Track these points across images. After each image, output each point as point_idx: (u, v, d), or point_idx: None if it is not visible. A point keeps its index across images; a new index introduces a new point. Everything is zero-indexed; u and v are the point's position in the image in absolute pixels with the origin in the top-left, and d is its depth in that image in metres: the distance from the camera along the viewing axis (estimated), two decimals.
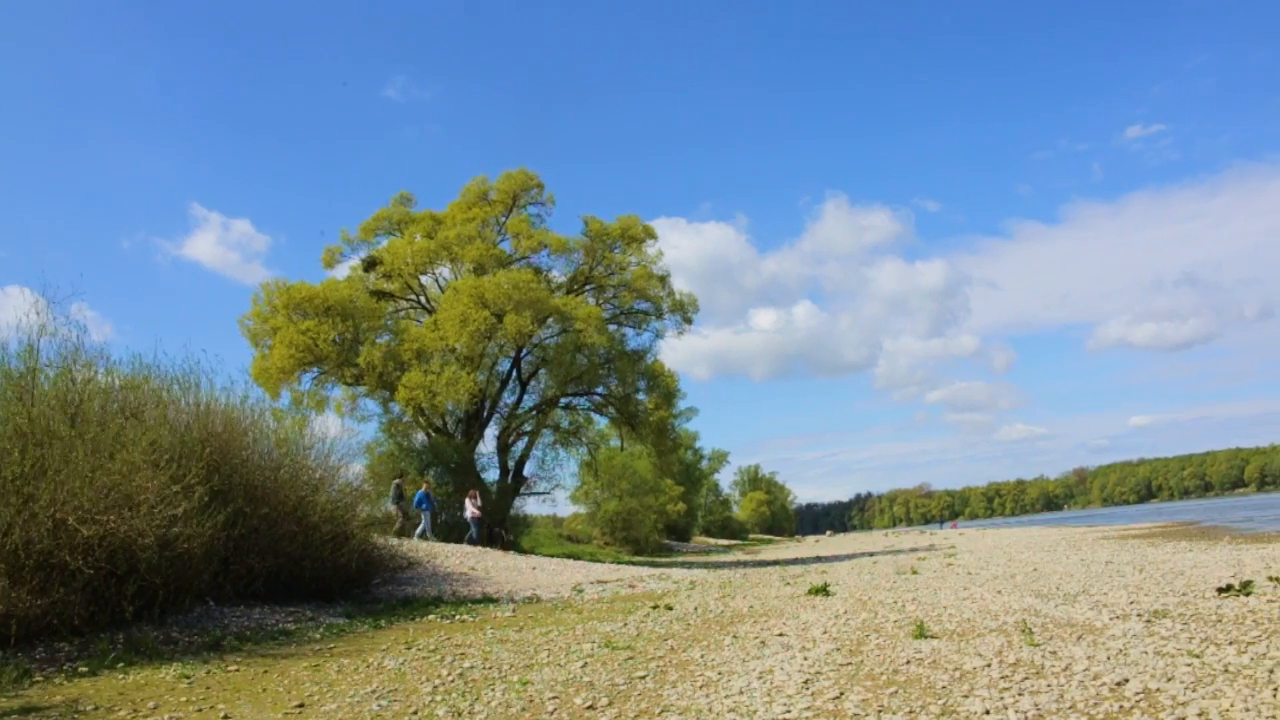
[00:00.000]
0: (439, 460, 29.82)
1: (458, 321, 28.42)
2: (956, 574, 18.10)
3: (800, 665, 7.89)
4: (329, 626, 11.48)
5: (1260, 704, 5.46)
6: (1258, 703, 5.49)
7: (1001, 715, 5.73)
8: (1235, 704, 5.49)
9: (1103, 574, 15.47)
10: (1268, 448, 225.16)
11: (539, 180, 34.65)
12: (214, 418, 12.96)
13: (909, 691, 6.59)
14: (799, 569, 24.52)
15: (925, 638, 9.00)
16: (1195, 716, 5.34)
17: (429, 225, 33.91)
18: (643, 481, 52.30)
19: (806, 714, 6.16)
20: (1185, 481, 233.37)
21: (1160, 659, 6.99)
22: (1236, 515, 53.73)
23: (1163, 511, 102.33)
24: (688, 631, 10.78)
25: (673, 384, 35.98)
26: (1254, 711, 5.31)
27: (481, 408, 32.42)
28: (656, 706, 6.62)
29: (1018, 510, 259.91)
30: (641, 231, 33.98)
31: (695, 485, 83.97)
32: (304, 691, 7.43)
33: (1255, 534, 29.21)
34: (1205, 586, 11.81)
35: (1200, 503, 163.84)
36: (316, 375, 30.97)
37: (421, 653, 9.36)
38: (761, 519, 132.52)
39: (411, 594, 15.16)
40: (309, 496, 13.63)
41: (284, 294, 29.00)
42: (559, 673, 8.04)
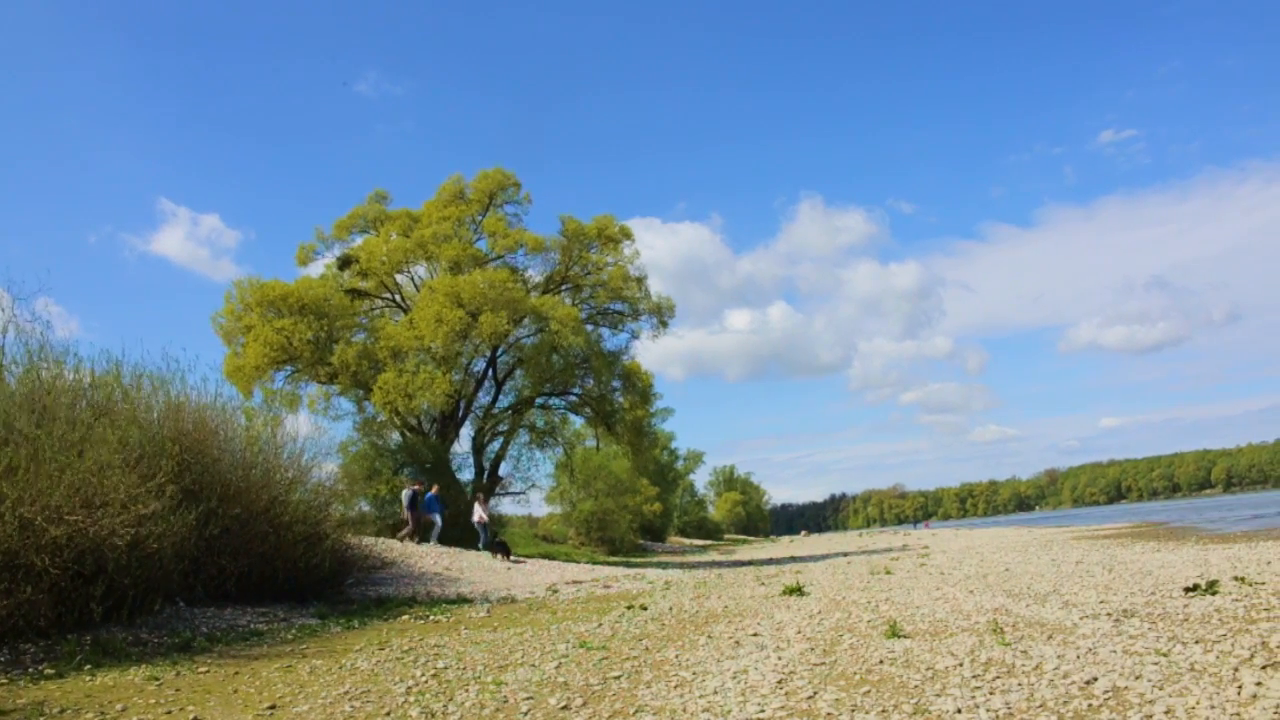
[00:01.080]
0: (414, 460, 29.65)
1: (433, 321, 28.27)
2: (929, 574, 18.24)
3: (774, 665, 7.92)
4: (301, 627, 11.39)
5: (1225, 701, 5.55)
6: (1222, 700, 5.58)
7: (973, 714, 5.78)
8: (1201, 701, 5.57)
9: (1073, 574, 15.65)
10: (1234, 449, 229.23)
11: (515, 179, 34.58)
12: (185, 416, 12.82)
13: (882, 691, 6.64)
14: (774, 569, 24.61)
15: (898, 637, 9.06)
16: (1162, 714, 5.41)
17: (405, 223, 33.71)
18: (618, 482, 52.29)
19: (780, 713, 6.18)
20: (1154, 482, 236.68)
21: (1128, 658, 7.08)
22: (1203, 516, 54.49)
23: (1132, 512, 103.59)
24: (663, 631, 10.79)
25: (649, 384, 35.98)
26: (1219, 709, 5.40)
27: (457, 407, 32.27)
28: (631, 706, 6.62)
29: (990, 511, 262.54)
30: (618, 232, 33.99)
31: (671, 486, 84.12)
32: (276, 693, 7.37)
33: (1221, 534, 29.65)
34: (1173, 586, 11.98)
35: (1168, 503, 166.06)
36: (290, 374, 30.71)
37: (395, 653, 9.31)
38: (737, 519, 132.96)
39: (385, 594, 15.07)
40: (282, 496, 13.52)
41: (257, 292, 28.74)
42: (533, 673, 8.02)
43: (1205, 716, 5.28)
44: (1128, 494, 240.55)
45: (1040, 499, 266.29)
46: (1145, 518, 64.01)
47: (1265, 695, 5.59)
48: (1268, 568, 13.63)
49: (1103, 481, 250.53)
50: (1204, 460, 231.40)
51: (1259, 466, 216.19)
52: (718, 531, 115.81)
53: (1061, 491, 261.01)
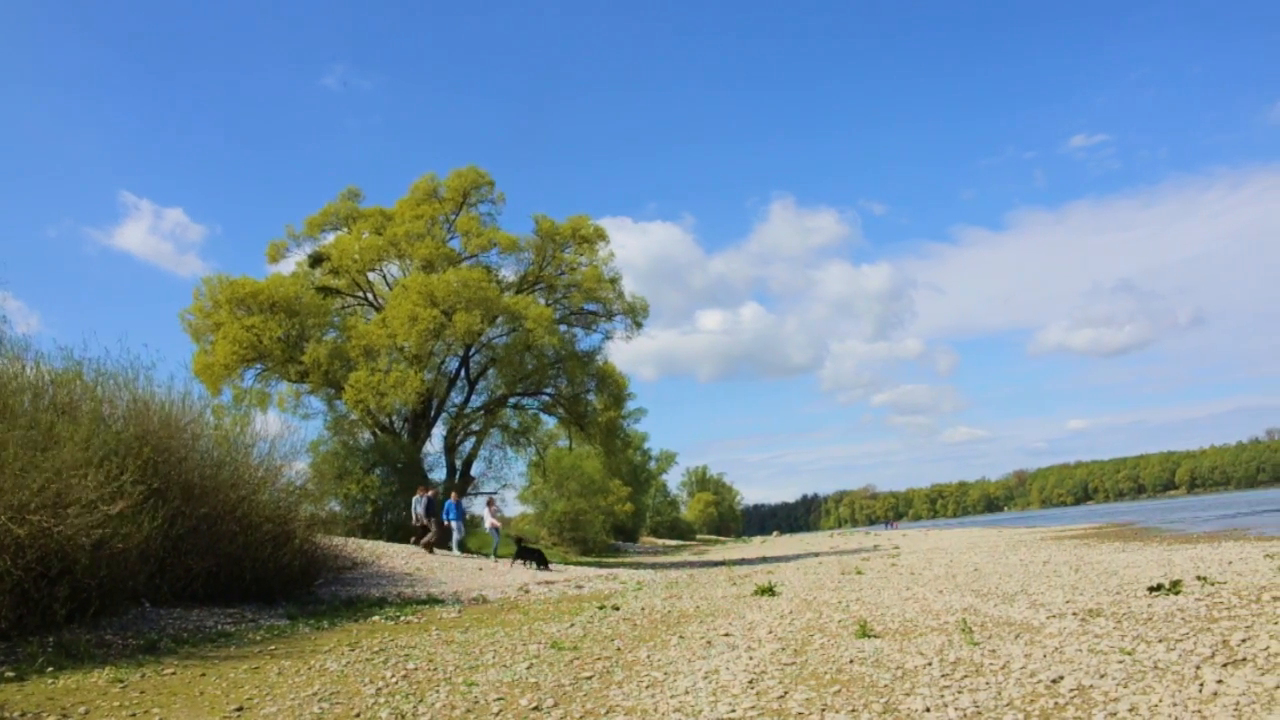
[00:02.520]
0: (385, 460, 29.42)
1: (406, 319, 28.11)
2: (900, 574, 18.38)
3: (745, 665, 7.95)
4: (270, 628, 11.27)
5: (1187, 699, 5.64)
6: (1185, 698, 5.67)
7: (941, 713, 5.84)
8: (1164, 699, 5.66)
9: (1040, 574, 15.84)
10: (1197, 451, 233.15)
11: (489, 178, 34.42)
12: (152, 414, 12.65)
13: (852, 690, 6.68)
14: (745, 569, 24.70)
15: (868, 637, 9.13)
16: (1126, 712, 5.49)
17: (378, 221, 33.47)
18: (591, 482, 52.27)
19: (751, 713, 6.21)
20: (1120, 484, 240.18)
21: (1094, 656, 7.18)
22: (1168, 517, 55.36)
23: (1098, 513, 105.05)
24: (634, 632, 10.80)
25: (623, 385, 36.00)
26: (1181, 706, 5.49)
27: (429, 407, 32.08)
28: (602, 707, 6.62)
29: (960, 511, 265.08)
30: (593, 232, 33.95)
31: (643, 486, 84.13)
32: (243, 694, 7.29)
33: (1185, 535, 30.15)
34: (1138, 586, 12.16)
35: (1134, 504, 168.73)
36: (260, 372, 30.41)
37: (365, 654, 9.24)
38: (709, 520, 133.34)
39: (356, 595, 14.95)
40: (250, 495, 13.38)
41: (227, 289, 28.42)
42: (504, 674, 8.00)
43: (1168, 714, 5.36)
44: (1094, 495, 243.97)
45: (1009, 500, 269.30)
46: (1111, 518, 64.92)
47: (1226, 693, 5.69)
48: (1229, 568, 13.88)
49: (1070, 483, 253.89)
50: (1169, 462, 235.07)
51: (1221, 468, 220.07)
52: (690, 532, 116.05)
53: (1030, 492, 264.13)
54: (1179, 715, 5.32)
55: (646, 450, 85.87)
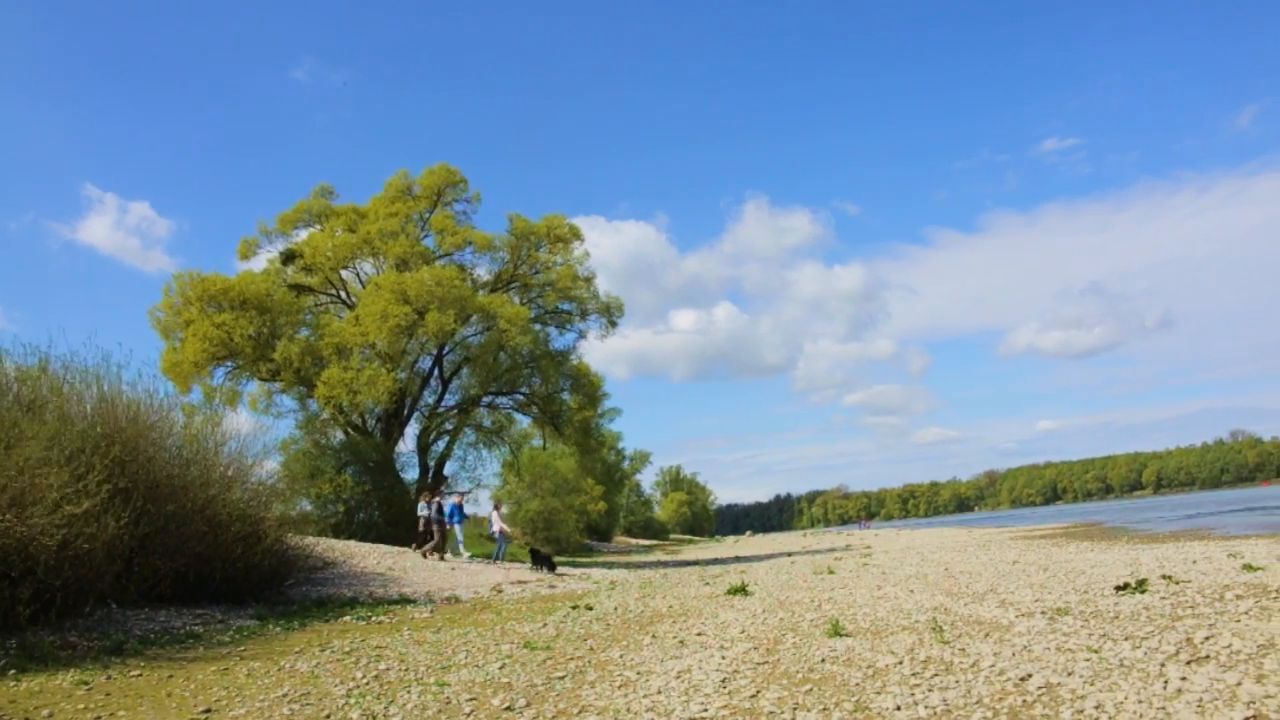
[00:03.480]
0: (357, 459, 29.21)
1: (379, 318, 27.91)
2: (871, 574, 18.51)
3: (718, 664, 7.98)
4: (239, 629, 11.16)
5: (1152, 696, 5.73)
6: (1149, 694, 5.76)
7: (912, 711, 5.89)
8: (1129, 696, 5.75)
9: (1010, 573, 16.00)
10: (1163, 452, 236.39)
11: (463, 176, 34.28)
12: (120, 412, 12.47)
13: (823, 689, 6.72)
14: (718, 569, 24.77)
15: (840, 636, 9.19)
16: (1093, 709, 5.57)
17: (351, 219, 33.22)
18: (565, 481, 52.16)
19: (723, 713, 6.23)
20: (1088, 484, 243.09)
21: (1061, 654, 7.27)
22: (1135, 517, 56.11)
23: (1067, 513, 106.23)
24: (607, 631, 10.80)
25: (597, 385, 35.96)
26: (1146, 703, 5.57)
27: (402, 406, 31.90)
28: (575, 707, 6.62)
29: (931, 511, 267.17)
30: (568, 231, 33.89)
31: (617, 485, 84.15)
32: (211, 696, 7.21)
33: (1151, 534, 30.58)
34: (1104, 585, 12.32)
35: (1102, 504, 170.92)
36: (230, 370, 30.11)
37: (336, 655, 9.17)
38: (682, 519, 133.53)
39: (327, 595, 14.83)
40: (220, 494, 13.23)
41: (197, 286, 28.09)
42: (476, 674, 7.97)
43: (1133, 711, 5.44)
44: (1063, 495, 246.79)
45: (980, 500, 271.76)
46: (1080, 518, 65.72)
47: (1189, 690, 5.78)
48: (1194, 567, 14.10)
49: (1039, 483, 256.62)
50: (1135, 463, 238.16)
51: (1187, 469, 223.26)
52: (664, 531, 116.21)
53: (1000, 492, 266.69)
54: (1144, 712, 5.40)
55: (621, 450, 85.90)
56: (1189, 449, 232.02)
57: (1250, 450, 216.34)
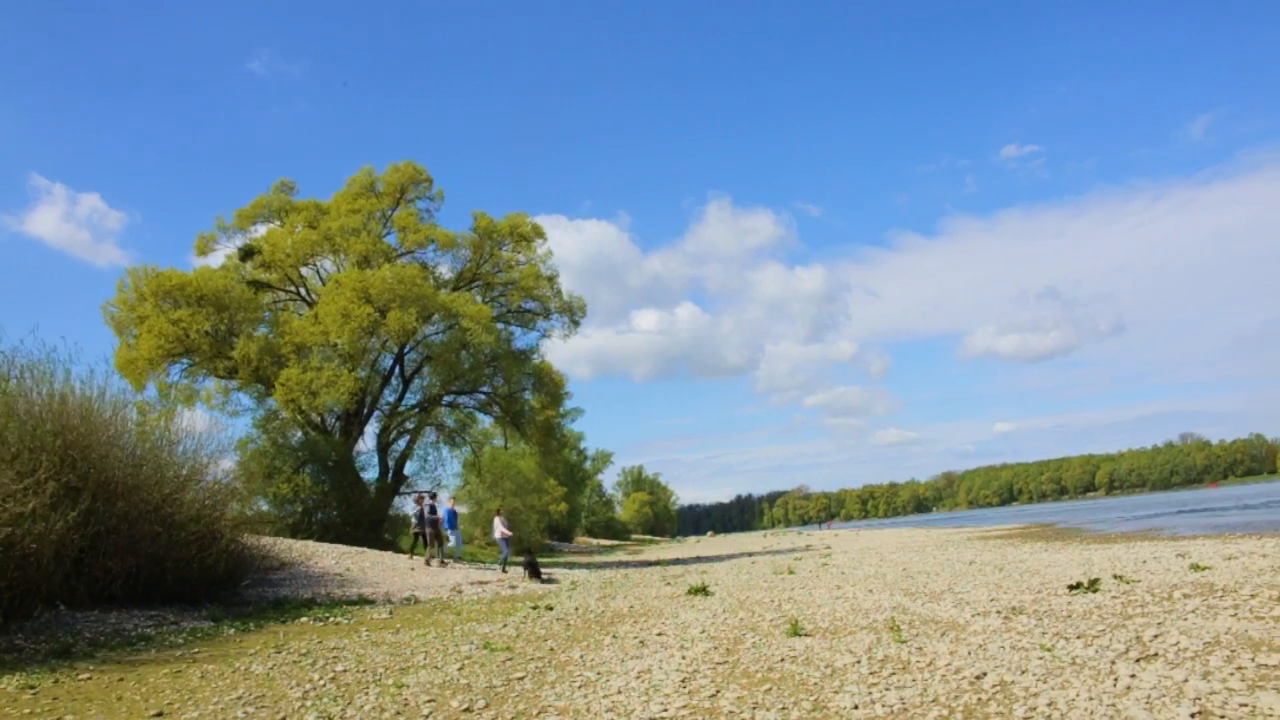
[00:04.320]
0: (316, 458, 28.85)
1: (339, 316, 27.58)
2: (831, 574, 18.67)
3: (678, 664, 8.00)
4: (193, 630, 10.97)
5: (1102, 693, 5.84)
6: (1100, 692, 5.87)
7: (869, 710, 5.95)
8: (1081, 694, 5.85)
9: (966, 573, 16.23)
10: (1116, 454, 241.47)
11: (427, 174, 33.97)
12: (70, 409, 12.19)
13: (782, 688, 6.77)
14: (680, 569, 24.83)
15: (799, 635, 9.26)
16: (1045, 706, 5.66)
17: (312, 215, 32.79)
18: (526, 481, 51.94)
19: (683, 712, 6.24)
20: (1043, 485, 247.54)
21: (1016, 653, 7.39)
22: (1088, 517, 57.20)
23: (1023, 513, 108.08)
24: (568, 632, 10.78)
25: (560, 384, 35.89)
26: (1097, 700, 5.68)
27: (362, 404, 31.53)
28: (534, 708, 6.59)
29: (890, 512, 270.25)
30: (531, 230, 33.75)
31: (579, 485, 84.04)
32: (163, 699, 7.08)
33: (1103, 535, 31.19)
34: (1058, 584, 12.55)
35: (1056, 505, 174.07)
36: (187, 367, 29.57)
37: (292, 656, 9.05)
38: (644, 519, 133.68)
39: (283, 596, 14.64)
40: (174, 493, 13.00)
41: (153, 281, 27.55)
42: (435, 675, 7.91)
43: (1084, 708, 5.54)
44: (1019, 496, 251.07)
45: (938, 500, 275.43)
46: (1035, 519, 66.83)
47: (1138, 686, 5.91)
48: (1144, 567, 14.41)
49: (996, 484, 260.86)
50: (1089, 464, 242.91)
51: (1138, 471, 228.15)
52: (625, 532, 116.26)
53: (958, 493, 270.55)
54: (1094, 709, 5.50)
55: (582, 450, 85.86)
56: (1140, 451, 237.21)
57: (1199, 453, 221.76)
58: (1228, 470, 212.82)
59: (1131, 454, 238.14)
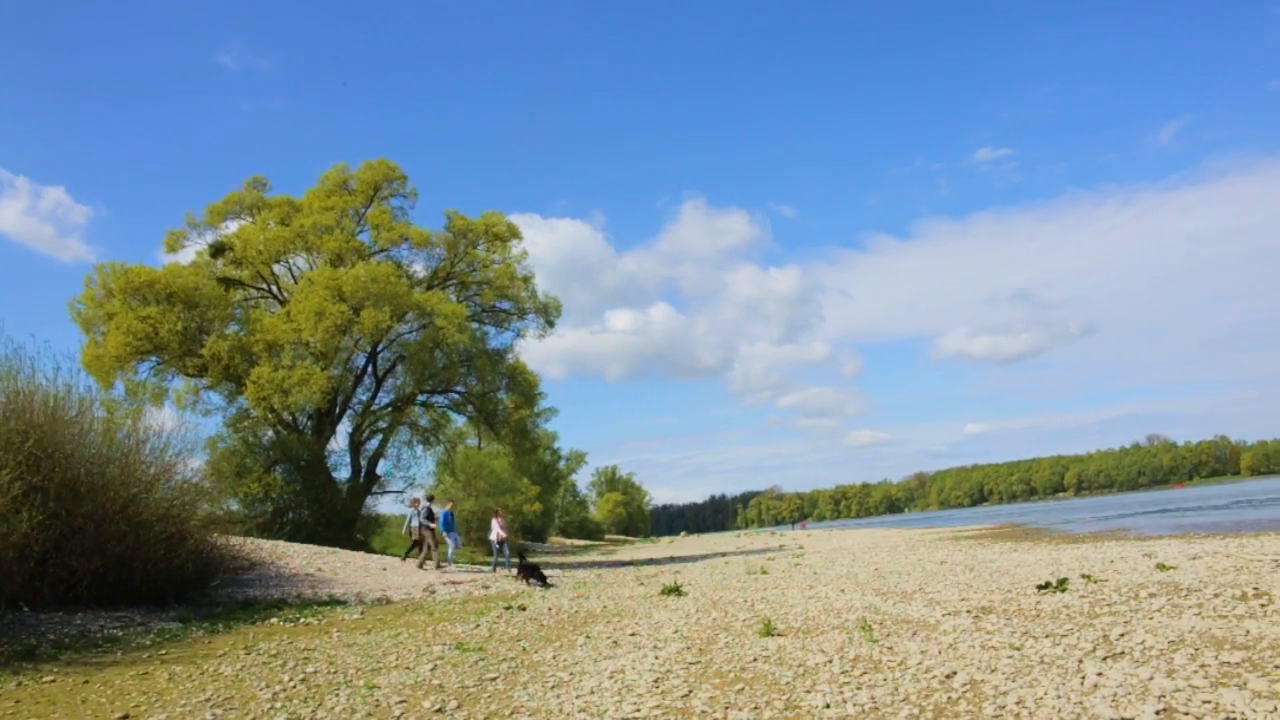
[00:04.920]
0: (287, 458, 28.60)
1: (312, 314, 27.35)
2: (803, 574, 18.76)
3: (651, 664, 8.01)
4: (161, 631, 10.84)
5: (1069, 691, 5.92)
6: (1068, 690, 5.95)
7: (841, 709, 5.99)
8: (1049, 692, 5.92)
9: (937, 573, 16.37)
10: (1084, 456, 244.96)
11: (401, 172, 33.79)
12: (36, 407, 12.00)
13: (755, 688, 6.79)
14: (653, 569, 24.85)
15: (772, 635, 9.30)
16: (1014, 704, 5.72)
17: (285, 211, 32.50)
18: (500, 481, 51.79)
19: (656, 712, 6.25)
20: (1013, 486, 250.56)
21: (985, 652, 7.47)
22: (1057, 518, 57.91)
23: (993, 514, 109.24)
24: (541, 632, 10.76)
25: (534, 384, 35.76)
26: (1064, 698, 5.75)
27: (334, 403, 31.29)
28: (507, 708, 6.57)
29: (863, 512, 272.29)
30: (506, 229, 33.65)
31: (553, 486, 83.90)
32: (129, 702, 6.99)
33: (1072, 535, 31.59)
34: (1027, 584, 12.69)
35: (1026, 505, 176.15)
36: (155, 365, 29.19)
37: (262, 658, 8.97)
38: (618, 520, 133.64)
39: (253, 596, 14.50)
40: (142, 493, 12.83)
41: (121, 277, 27.18)
42: (407, 676, 7.87)
43: (1052, 706, 5.61)
44: (989, 497, 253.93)
45: (909, 501, 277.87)
46: (1005, 519, 67.55)
47: (1105, 684, 5.99)
48: (1111, 566, 14.60)
49: (967, 485, 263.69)
50: (1058, 466, 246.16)
51: (1106, 472, 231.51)
52: (599, 532, 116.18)
53: (929, 494, 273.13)
54: (1062, 707, 5.57)
55: (556, 450, 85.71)
56: (1108, 453, 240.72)
57: (1165, 454, 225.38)
58: (1193, 471, 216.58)
59: (1100, 455, 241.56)
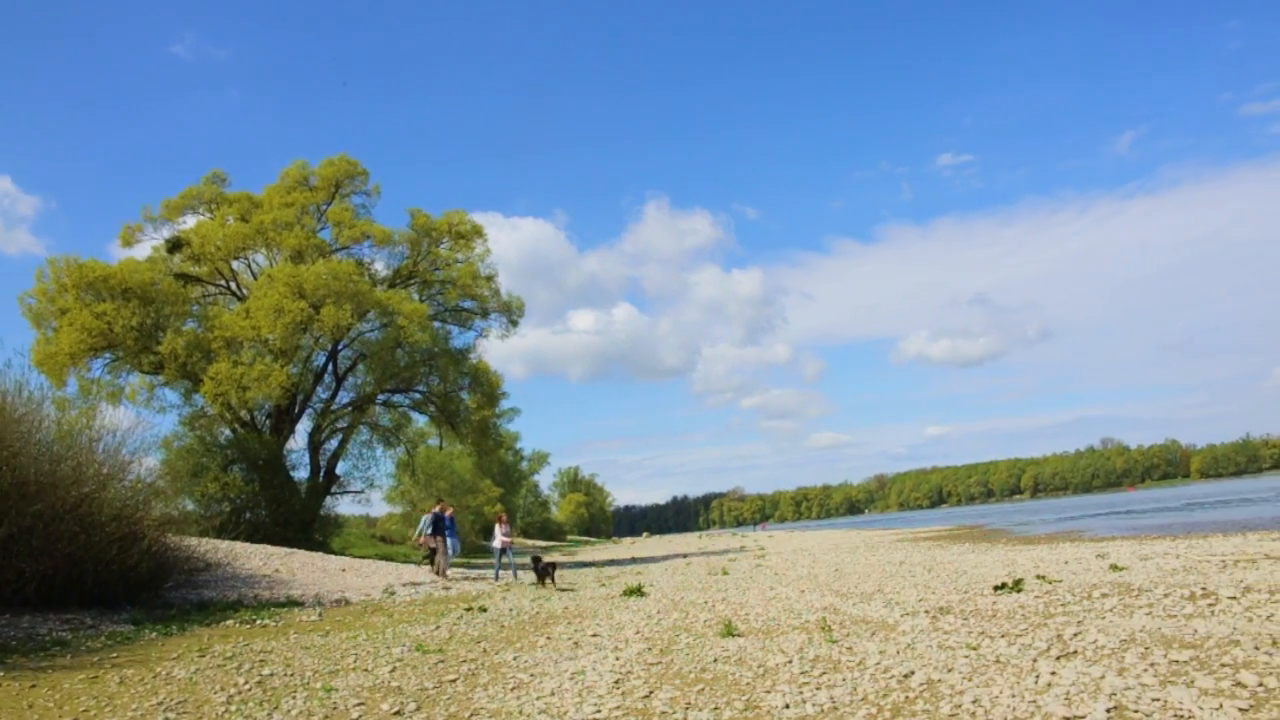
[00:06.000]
0: (245, 457, 28.20)
1: (272, 311, 27.01)
2: (765, 575, 18.86)
3: (612, 665, 8.01)
4: (112, 634, 10.62)
5: (1024, 690, 6.01)
6: (1022, 689, 6.04)
7: (800, 709, 6.03)
8: (1004, 691, 6.01)
9: (896, 574, 16.55)
10: (1040, 458, 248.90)
11: (363, 169, 33.49)
12: None
13: (715, 688, 6.82)
14: (615, 570, 24.85)
15: (733, 636, 9.34)
16: (970, 703, 5.80)
17: (244, 207, 32.06)
18: (461, 481, 51.52)
19: (616, 713, 6.25)
20: (971, 488, 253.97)
21: (943, 652, 7.56)
22: (1013, 519, 58.82)
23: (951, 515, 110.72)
24: (501, 634, 10.71)
25: (496, 384, 35.63)
26: (1019, 697, 5.83)
27: (293, 402, 30.93)
28: (466, 710, 6.53)
29: (824, 514, 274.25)
30: (470, 228, 33.49)
31: (515, 486, 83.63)
32: (78, 706, 6.85)
33: (1028, 536, 32.09)
34: (984, 585, 12.86)
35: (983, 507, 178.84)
36: (110, 362, 28.65)
37: (216, 660, 8.83)
38: (580, 520, 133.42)
39: (209, 598, 14.27)
40: (94, 493, 12.57)
41: (75, 272, 26.62)
42: (365, 678, 7.79)
43: (1007, 705, 5.69)
44: (948, 499, 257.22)
45: (870, 503, 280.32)
46: (963, 521, 68.51)
47: (1058, 683, 6.09)
48: (1065, 567, 14.86)
49: (926, 487, 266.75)
50: (1015, 468, 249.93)
51: (1061, 474, 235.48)
52: (561, 533, 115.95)
53: (889, 496, 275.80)
54: (1016, 706, 5.65)
55: (519, 450, 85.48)
56: (1063, 456, 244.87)
57: (1118, 457, 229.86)
58: (1145, 474, 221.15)
59: (1055, 458, 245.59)
